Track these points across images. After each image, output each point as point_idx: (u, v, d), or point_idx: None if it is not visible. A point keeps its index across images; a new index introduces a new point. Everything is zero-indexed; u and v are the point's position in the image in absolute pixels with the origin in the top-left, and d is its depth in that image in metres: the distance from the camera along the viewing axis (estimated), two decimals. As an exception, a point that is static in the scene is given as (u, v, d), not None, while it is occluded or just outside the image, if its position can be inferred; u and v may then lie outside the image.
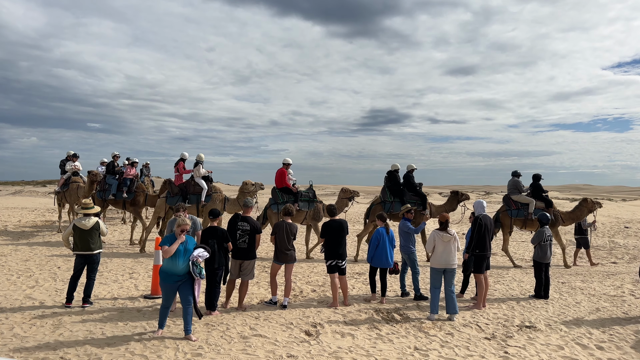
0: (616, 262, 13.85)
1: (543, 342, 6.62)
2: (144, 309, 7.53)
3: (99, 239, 7.75)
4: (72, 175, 16.09)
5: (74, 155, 16.49)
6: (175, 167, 14.32)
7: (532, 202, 13.06)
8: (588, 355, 6.23)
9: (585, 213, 13.40)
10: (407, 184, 13.54)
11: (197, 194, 13.57)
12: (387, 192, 13.58)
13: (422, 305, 8.30)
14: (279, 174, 13.35)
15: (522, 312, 8.10)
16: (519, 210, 13.13)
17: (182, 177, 14.17)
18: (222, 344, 6.07)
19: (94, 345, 5.87)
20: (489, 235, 8.38)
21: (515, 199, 13.30)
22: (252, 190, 13.67)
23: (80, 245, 7.58)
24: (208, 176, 14.04)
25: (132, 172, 15.00)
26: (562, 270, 12.28)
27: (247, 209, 8.05)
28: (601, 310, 8.38)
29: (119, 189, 14.69)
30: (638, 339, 6.93)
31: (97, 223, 7.70)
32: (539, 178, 13.59)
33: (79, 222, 7.64)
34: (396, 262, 8.69)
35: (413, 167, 13.79)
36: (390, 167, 13.84)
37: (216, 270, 7.35)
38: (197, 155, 14.00)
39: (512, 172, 13.67)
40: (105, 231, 7.91)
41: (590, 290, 9.99)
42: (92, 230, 7.61)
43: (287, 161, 13.54)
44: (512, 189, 13.48)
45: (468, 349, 6.30)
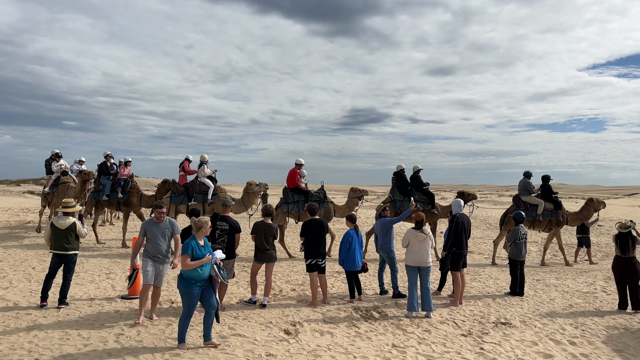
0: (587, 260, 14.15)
1: (518, 338, 6.76)
2: (121, 309, 7.45)
3: (75, 240, 7.63)
4: (61, 175, 15.65)
5: (57, 155, 16.00)
6: (180, 167, 14.27)
7: (541, 203, 13.31)
8: (561, 351, 6.38)
9: (591, 213, 13.74)
10: (415, 184, 13.82)
11: (203, 193, 13.64)
12: (396, 191, 13.85)
13: (400, 303, 8.39)
14: (290, 174, 13.48)
15: (498, 309, 8.25)
16: (528, 210, 13.35)
17: (186, 177, 14.15)
18: (200, 343, 6.05)
19: (70, 347, 5.80)
20: (466, 233, 8.52)
21: (525, 200, 13.56)
22: (257, 191, 13.77)
23: (55, 244, 7.49)
24: (213, 176, 14.05)
25: (125, 172, 14.71)
26: (537, 268, 12.53)
27: (226, 208, 8.03)
28: (574, 307, 8.59)
29: (113, 189, 14.36)
30: (609, 334, 7.12)
31: (73, 224, 7.59)
32: (548, 179, 13.87)
33: (56, 220, 7.55)
34: (365, 262, 8.72)
35: (419, 167, 14.10)
36: (396, 167, 14.10)
37: None
38: (201, 156, 14.09)
39: (523, 173, 13.91)
40: (84, 233, 7.76)
41: (564, 287, 10.22)
42: (68, 231, 7.52)
43: (300, 161, 13.66)
44: (522, 190, 13.74)
45: (445, 345, 6.40)
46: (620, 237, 8.65)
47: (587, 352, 6.36)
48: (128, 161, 14.98)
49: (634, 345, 6.70)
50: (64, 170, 15.70)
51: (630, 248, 8.54)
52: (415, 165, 14.07)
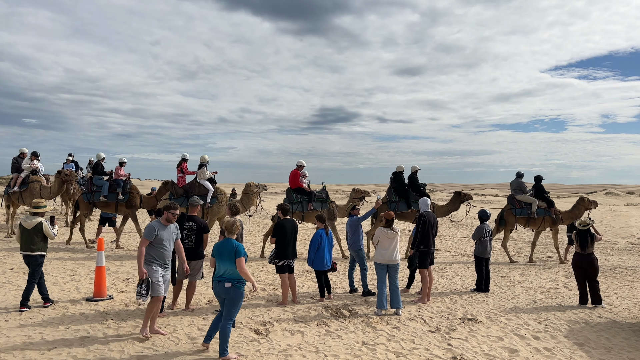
0: (551, 256, 14.57)
1: (484, 334, 6.91)
2: (86, 312, 7.28)
3: (41, 241, 7.42)
4: (31, 174, 14.85)
5: (34, 154, 15.11)
6: (177, 168, 13.97)
7: (535, 201, 13.67)
8: (525, 345, 6.55)
9: (582, 211, 14.05)
10: (412, 185, 13.98)
11: (202, 195, 13.39)
12: (392, 192, 13.95)
13: (370, 300, 8.46)
14: (292, 175, 13.57)
15: (465, 306, 8.41)
16: (522, 209, 13.73)
17: (185, 178, 13.89)
18: (169, 345, 5.97)
19: (34, 350, 5.64)
20: (433, 232, 8.65)
21: (519, 199, 13.88)
22: (256, 192, 13.75)
23: (22, 244, 7.39)
24: (212, 178, 13.86)
25: (121, 172, 14.27)
26: (502, 265, 12.82)
27: (193, 208, 7.91)
28: (537, 302, 8.83)
29: (112, 190, 13.88)
30: (571, 329, 7.35)
31: (39, 224, 7.41)
32: (540, 179, 14.22)
33: (24, 220, 7.44)
34: (334, 262, 8.74)
35: (417, 168, 14.26)
36: (396, 168, 14.20)
37: None
38: (201, 157, 13.84)
39: (516, 174, 14.24)
40: (52, 234, 7.55)
41: (527, 283, 10.49)
42: (34, 231, 7.35)
43: (301, 163, 13.77)
44: (516, 189, 14.07)
45: (414, 342, 6.49)
46: (579, 235, 8.92)
47: (550, 346, 6.54)
48: (123, 162, 14.47)
49: (594, 339, 6.93)
50: (33, 169, 14.93)
51: (589, 245, 8.81)
52: (413, 166, 14.29)
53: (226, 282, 5.68)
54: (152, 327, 6.35)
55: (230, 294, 5.68)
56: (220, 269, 5.78)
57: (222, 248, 5.81)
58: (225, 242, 5.88)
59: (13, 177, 15.15)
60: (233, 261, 5.69)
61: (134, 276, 9.78)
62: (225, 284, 5.68)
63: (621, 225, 20.69)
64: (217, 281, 5.77)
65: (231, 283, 5.68)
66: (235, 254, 5.70)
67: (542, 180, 14.24)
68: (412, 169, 14.23)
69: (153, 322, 6.37)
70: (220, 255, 5.79)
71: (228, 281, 5.68)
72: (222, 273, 5.75)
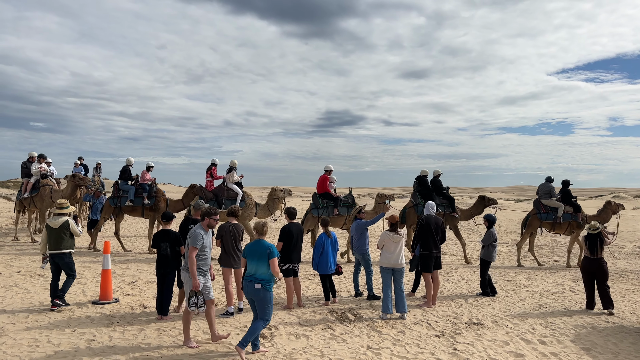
0: (558, 260, 14.50)
1: (490, 338, 6.88)
2: (92, 315, 7.31)
3: (69, 239, 7.72)
4: (41, 178, 14.77)
5: (41, 157, 15.07)
6: (207, 172, 14.08)
7: (561, 206, 13.63)
8: (532, 350, 6.51)
9: (609, 215, 14.02)
10: (436, 188, 14.08)
11: (232, 199, 13.56)
12: (418, 196, 14.04)
13: (375, 304, 8.45)
14: (320, 180, 13.71)
15: (470, 310, 8.38)
16: (548, 213, 13.69)
17: (213, 182, 14.01)
18: (174, 349, 5.99)
19: (39, 353, 5.67)
20: (436, 235, 8.58)
21: (545, 203, 13.85)
22: (281, 196, 13.93)
23: (50, 244, 7.62)
24: (240, 182, 14.00)
25: (147, 176, 14.36)
26: (508, 269, 12.76)
27: (198, 211, 7.92)
28: (544, 307, 8.78)
29: (138, 194, 13.99)
30: (577, 333, 7.31)
31: (66, 222, 7.71)
32: (568, 184, 14.25)
33: (50, 221, 7.69)
34: (338, 265, 8.73)
35: (440, 172, 14.37)
36: (420, 172, 14.28)
37: (168, 274, 7.24)
38: (231, 162, 14.03)
39: (546, 178, 14.20)
40: (78, 232, 7.87)
41: (534, 287, 10.44)
42: (61, 229, 7.62)
43: (329, 167, 13.88)
44: (543, 194, 14.02)
45: (419, 346, 6.47)
46: (589, 238, 8.84)
47: (556, 351, 6.51)
48: (150, 166, 14.57)
49: (601, 344, 6.89)
50: (43, 172, 14.85)
51: (598, 249, 8.75)
52: (435, 170, 14.37)
53: (256, 283, 5.80)
54: (215, 333, 6.29)
55: (260, 295, 5.79)
56: (251, 269, 5.89)
57: (254, 249, 5.92)
58: (258, 243, 6.00)
59: (23, 182, 15.01)
60: (264, 262, 5.84)
61: (139, 279, 9.81)
62: (255, 284, 5.81)
63: (629, 229, 20.54)
64: (248, 281, 5.88)
65: (261, 284, 5.79)
66: (268, 255, 5.83)
67: (570, 184, 14.27)
68: (434, 173, 14.33)
69: (214, 326, 6.31)
70: (252, 256, 5.90)
71: (258, 282, 5.80)
72: (253, 273, 5.87)
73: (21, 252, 12.65)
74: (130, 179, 14.36)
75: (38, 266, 10.83)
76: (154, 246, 7.42)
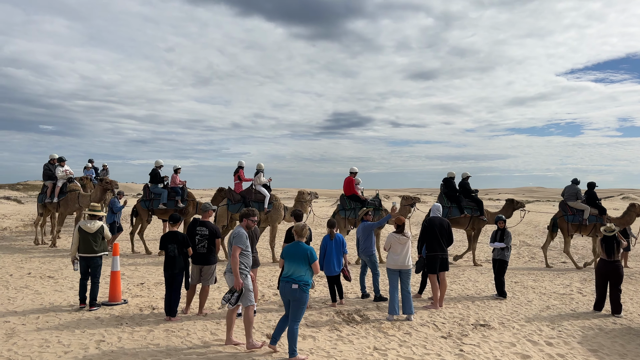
0: (566, 262, 14.44)
1: (496, 340, 6.89)
2: (102, 316, 7.39)
3: (102, 242, 7.97)
4: (67, 182, 14.70)
5: (61, 160, 14.89)
6: (235, 175, 14.24)
7: (587, 208, 13.67)
8: (538, 351, 6.51)
9: (633, 217, 14.07)
10: (464, 191, 14.11)
11: (259, 202, 13.67)
12: (444, 198, 14.08)
13: (382, 306, 8.47)
14: (347, 182, 13.88)
15: (477, 311, 8.39)
16: (574, 215, 13.73)
17: (241, 185, 14.15)
18: (182, 349, 6.05)
19: (50, 354, 5.75)
20: (441, 237, 8.55)
21: (571, 205, 13.88)
22: (308, 199, 14.15)
23: (84, 247, 7.80)
24: (267, 184, 14.15)
25: (178, 180, 14.55)
26: (515, 270, 12.73)
27: (205, 213, 8.00)
28: (551, 308, 8.77)
29: (171, 197, 14.14)
30: (584, 335, 7.30)
31: (102, 227, 7.97)
32: (593, 186, 14.30)
33: (84, 224, 7.87)
34: (345, 269, 8.66)
35: (468, 174, 14.43)
36: (447, 174, 14.34)
37: (176, 275, 7.32)
38: (258, 165, 14.20)
39: (572, 180, 14.24)
40: (110, 235, 8.21)
41: (541, 289, 10.42)
42: (96, 234, 7.88)
43: (354, 170, 14.07)
44: (570, 196, 14.04)
45: (425, 347, 6.49)
46: (605, 241, 8.71)
47: (563, 353, 6.50)
48: (178, 169, 14.76)
49: (608, 345, 6.88)
50: (69, 176, 14.80)
51: (615, 251, 8.65)
52: (464, 172, 14.42)
53: (293, 284, 5.85)
54: (230, 336, 6.30)
55: (297, 296, 5.85)
56: (289, 270, 5.97)
57: (293, 251, 6.00)
58: (298, 245, 6.06)
59: (48, 185, 14.73)
60: (304, 264, 5.93)
61: (148, 281, 9.90)
62: (292, 285, 5.85)
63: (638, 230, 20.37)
64: (285, 281, 5.94)
65: (298, 285, 5.85)
66: (310, 258, 5.94)
67: (596, 187, 14.28)
68: (462, 175, 14.37)
69: (231, 330, 6.33)
70: (292, 257, 5.97)
71: (295, 283, 5.86)
72: (291, 274, 5.93)
73: (31, 254, 12.79)
74: (161, 181, 14.50)
75: (48, 268, 10.96)
76: (161, 248, 7.50)
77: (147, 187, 14.51)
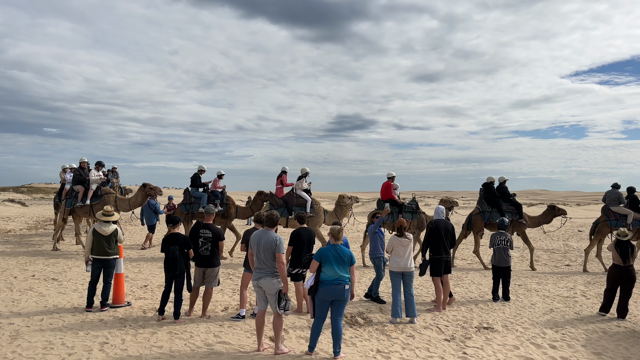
0: (570, 265, 14.41)
1: (500, 343, 6.87)
2: (105, 318, 7.41)
3: (115, 245, 8.11)
4: (101, 186, 14.59)
5: (99, 164, 14.76)
6: (277, 180, 14.35)
7: (630, 213, 13.62)
8: (542, 354, 6.50)
9: None
10: (503, 195, 14.17)
11: (301, 206, 13.83)
12: (484, 203, 14.15)
13: (385, 308, 8.46)
14: (384, 187, 13.99)
15: (481, 314, 8.37)
16: (617, 220, 13.67)
17: (283, 189, 14.27)
18: (185, 351, 6.06)
19: (54, 356, 5.77)
20: (445, 239, 8.55)
21: (614, 210, 13.83)
22: (349, 204, 14.31)
23: (98, 249, 7.92)
24: (308, 189, 14.25)
25: (219, 184, 14.66)
26: (519, 273, 12.70)
27: (209, 216, 8.00)
28: (555, 311, 8.74)
29: (210, 201, 14.20)
30: (588, 338, 7.28)
31: (116, 230, 8.12)
32: (634, 190, 14.28)
33: (99, 227, 8.00)
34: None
35: (505, 178, 14.49)
36: (486, 179, 14.41)
37: (177, 278, 7.34)
38: (302, 169, 14.36)
39: (613, 185, 14.18)
40: (122, 238, 8.35)
41: (545, 291, 10.39)
42: (110, 237, 8.02)
43: (392, 174, 14.18)
44: (612, 200, 13.97)
45: (428, 350, 6.48)
46: (619, 245, 8.62)
47: (567, 356, 6.49)
48: (221, 174, 14.89)
49: (612, 348, 6.85)
50: (104, 180, 14.66)
51: (630, 256, 8.57)
52: (501, 177, 14.48)
53: (346, 285, 6.07)
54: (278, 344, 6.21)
55: (345, 296, 6.08)
56: (333, 272, 6.08)
57: (339, 254, 6.16)
58: (340, 248, 6.24)
59: (78, 189, 14.46)
60: (346, 266, 6.17)
61: (151, 283, 9.92)
62: (345, 286, 6.07)
63: None
64: (334, 284, 6.05)
65: (348, 285, 6.11)
66: (351, 260, 6.22)
67: (635, 191, 14.26)
68: (500, 180, 14.42)
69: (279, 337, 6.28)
70: (338, 260, 6.13)
71: (346, 284, 6.09)
72: (337, 277, 6.07)
73: (35, 257, 12.83)
74: (201, 185, 14.58)
75: (52, 270, 11.00)
76: (162, 250, 7.52)
77: (188, 190, 14.60)
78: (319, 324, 6.15)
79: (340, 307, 6.13)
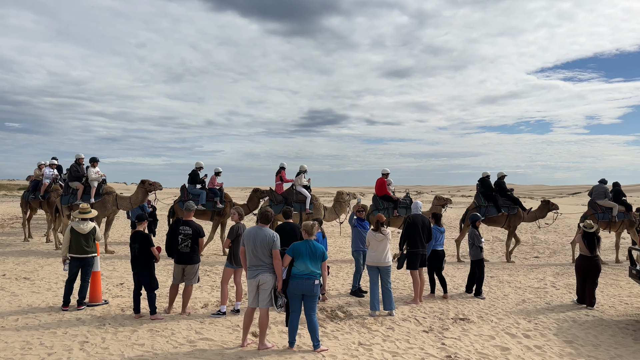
0: (538, 257, 14.86)
1: (476, 333, 7.07)
2: (83, 317, 7.31)
3: (93, 243, 8.00)
4: (102, 184, 13.92)
5: (94, 160, 14.00)
6: (277, 176, 14.23)
7: (615, 206, 14.12)
8: (517, 343, 6.72)
9: None
10: (500, 190, 14.40)
11: (301, 202, 13.82)
12: (480, 197, 14.37)
13: (364, 302, 8.59)
14: (379, 183, 14.14)
15: (456, 306, 8.58)
16: (604, 213, 14.16)
17: (282, 185, 14.18)
18: (168, 349, 6.04)
19: (33, 356, 5.67)
20: (421, 234, 8.72)
21: (600, 203, 14.28)
22: (347, 200, 14.45)
23: (76, 248, 7.80)
24: (308, 185, 14.19)
25: (216, 182, 14.43)
26: (490, 265, 13.03)
27: (188, 212, 7.96)
28: (527, 302, 9.03)
29: (209, 199, 13.99)
30: (560, 327, 7.55)
31: (94, 228, 8.00)
32: (619, 185, 14.88)
33: (76, 225, 7.86)
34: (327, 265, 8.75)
35: (503, 173, 14.72)
36: (482, 174, 14.62)
37: (140, 274, 7.39)
38: (300, 166, 14.37)
39: (600, 180, 14.66)
40: (100, 236, 8.31)
41: (516, 283, 10.70)
42: (89, 235, 7.90)
43: (386, 171, 14.35)
44: (599, 194, 14.44)
45: (408, 341, 6.63)
46: (586, 237, 8.96)
47: (540, 344, 6.72)
48: (219, 171, 14.66)
49: (582, 336, 7.13)
50: (103, 177, 13.99)
51: (596, 247, 8.93)
52: (499, 172, 14.75)
53: (315, 280, 6.11)
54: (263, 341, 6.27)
55: (315, 290, 6.13)
56: (305, 266, 6.11)
57: (311, 249, 6.17)
58: (312, 243, 6.24)
59: (76, 186, 13.74)
60: (318, 261, 6.19)
61: (127, 281, 9.80)
62: (315, 281, 6.11)
63: (605, 226, 21.04)
64: (304, 278, 6.08)
65: (318, 280, 6.16)
66: (323, 256, 6.26)
67: (620, 185, 14.88)
68: (498, 175, 14.70)
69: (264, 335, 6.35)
70: (311, 256, 6.14)
71: (316, 279, 6.13)
72: (309, 272, 6.10)
73: (5, 255, 12.50)
74: (201, 182, 14.39)
75: (23, 269, 10.75)
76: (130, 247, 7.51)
77: (185, 187, 14.33)
78: (294, 317, 6.21)
79: (311, 301, 6.18)
